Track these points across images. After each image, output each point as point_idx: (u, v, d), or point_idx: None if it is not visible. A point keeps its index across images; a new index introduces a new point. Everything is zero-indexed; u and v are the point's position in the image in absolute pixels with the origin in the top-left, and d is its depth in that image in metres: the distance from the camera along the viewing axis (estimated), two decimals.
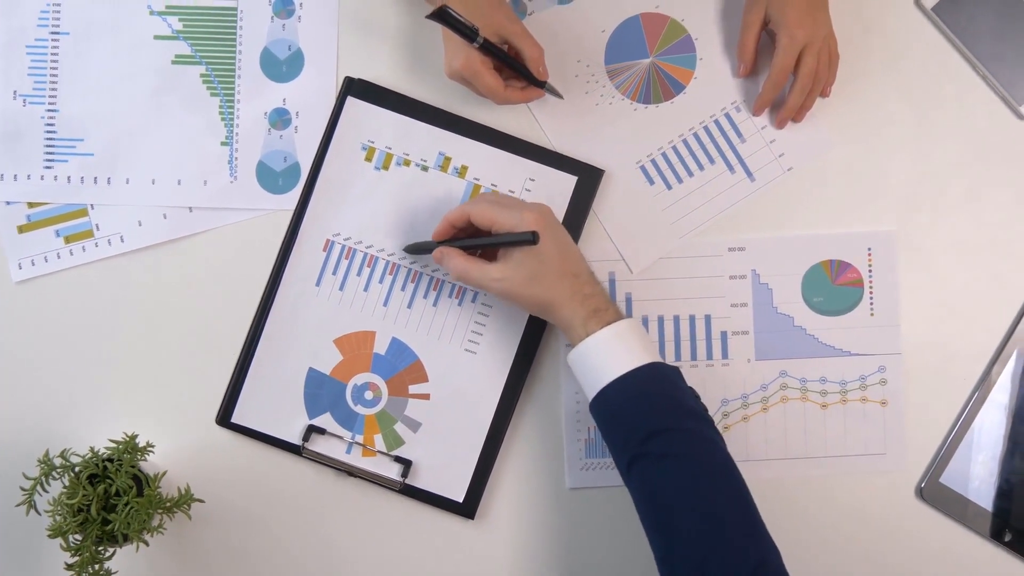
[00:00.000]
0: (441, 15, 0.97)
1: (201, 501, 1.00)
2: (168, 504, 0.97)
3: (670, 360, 1.06)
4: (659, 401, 0.92)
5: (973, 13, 1.09)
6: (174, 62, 1.06)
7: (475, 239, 0.98)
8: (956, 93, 1.09)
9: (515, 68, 1.02)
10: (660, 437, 0.90)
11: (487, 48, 0.99)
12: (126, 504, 0.94)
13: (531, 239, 0.92)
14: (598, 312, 0.94)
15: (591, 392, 0.94)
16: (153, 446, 0.98)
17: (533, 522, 1.05)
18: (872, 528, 1.06)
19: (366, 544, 1.05)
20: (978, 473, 1.06)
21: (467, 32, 0.98)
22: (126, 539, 0.95)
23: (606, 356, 0.93)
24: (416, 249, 1.03)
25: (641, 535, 0.97)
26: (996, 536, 1.06)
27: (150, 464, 1.02)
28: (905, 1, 1.10)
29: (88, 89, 1.06)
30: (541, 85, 1.03)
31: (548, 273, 0.95)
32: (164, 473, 0.98)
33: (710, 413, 1.03)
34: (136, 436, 0.97)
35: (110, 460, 0.97)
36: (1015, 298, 1.08)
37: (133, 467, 0.97)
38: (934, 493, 1.06)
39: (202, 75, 1.06)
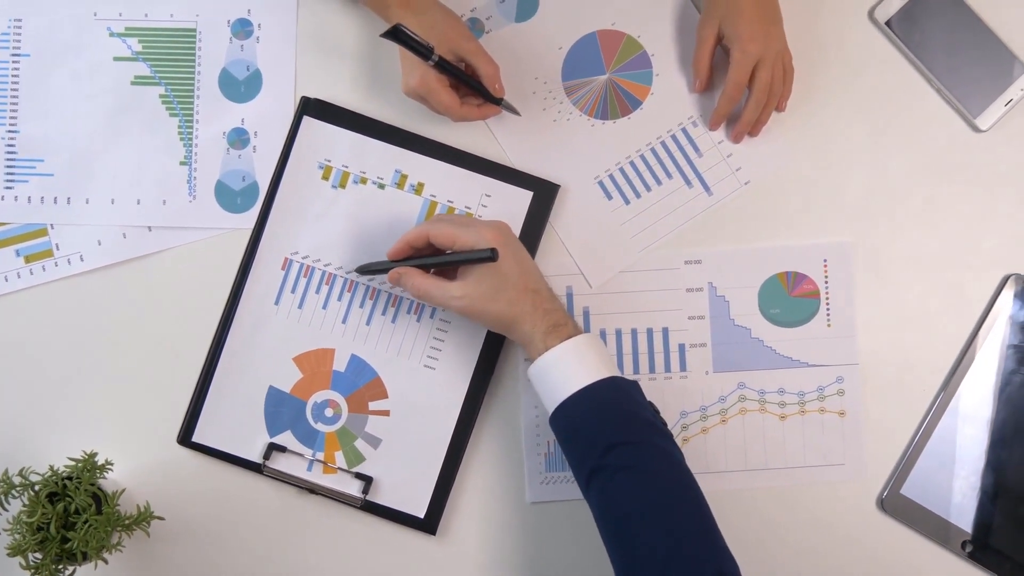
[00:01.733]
0: (395, 34, 0.97)
1: (161, 519, 1.00)
2: (127, 522, 0.97)
3: (629, 373, 1.07)
4: (617, 414, 0.93)
5: (927, 27, 1.09)
6: (133, 83, 1.07)
7: (434, 257, 0.99)
8: (911, 106, 1.10)
9: (471, 86, 1.03)
10: (618, 450, 0.90)
11: (442, 66, 1.00)
12: (85, 522, 0.94)
13: (491, 256, 0.93)
14: (557, 327, 0.95)
15: (550, 406, 0.94)
16: (112, 464, 0.98)
17: (494, 537, 1.06)
18: (833, 539, 1.07)
19: (328, 561, 1.05)
20: (939, 484, 1.06)
21: (422, 51, 0.98)
22: (85, 557, 0.95)
23: (565, 370, 0.94)
24: (369, 270, 1.04)
25: (601, 549, 0.97)
26: (957, 547, 1.06)
27: (112, 483, 1.02)
28: (859, 15, 1.11)
29: (48, 110, 1.07)
30: (497, 102, 1.04)
31: (508, 289, 0.96)
32: (123, 491, 0.98)
33: (669, 426, 1.04)
34: (95, 454, 0.98)
35: (70, 478, 0.97)
36: (973, 309, 1.09)
37: (93, 485, 0.97)
38: (895, 504, 1.06)
39: (161, 96, 1.07)
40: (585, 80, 1.09)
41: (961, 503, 1.06)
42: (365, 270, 1.04)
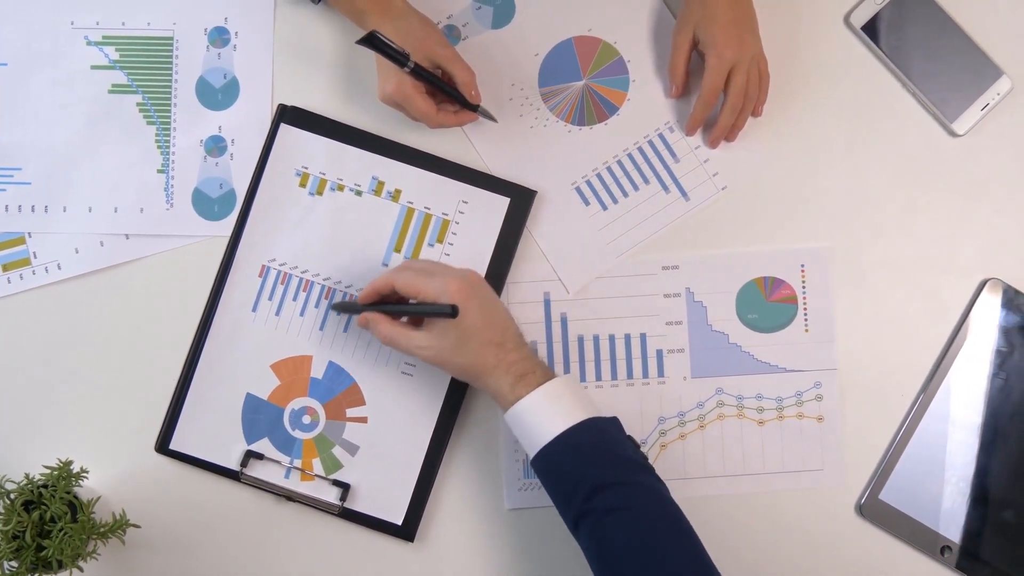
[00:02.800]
0: (371, 40, 0.98)
1: (136, 526, 1.00)
2: (102, 530, 0.97)
3: (606, 379, 1.07)
4: (599, 456, 0.92)
5: (903, 31, 1.10)
6: (111, 91, 1.07)
7: (398, 305, 1.00)
8: (888, 111, 1.10)
9: (447, 92, 1.03)
10: (604, 492, 0.90)
11: (418, 73, 1.00)
12: (60, 530, 0.94)
13: (449, 312, 0.92)
14: (524, 377, 0.94)
15: (530, 452, 0.94)
16: (87, 472, 0.98)
17: (473, 543, 1.06)
18: (812, 545, 1.06)
19: (306, 569, 1.05)
20: (918, 489, 1.06)
21: (398, 57, 0.99)
22: (61, 565, 0.95)
23: (538, 418, 0.93)
24: (343, 308, 1.04)
25: (579, 555, 0.97)
26: (936, 552, 1.05)
27: (89, 491, 1.02)
28: (835, 21, 1.11)
29: (26, 119, 1.07)
30: (474, 109, 1.04)
31: (471, 342, 0.95)
32: (98, 499, 0.98)
33: (647, 432, 1.04)
34: (70, 462, 0.98)
35: (45, 486, 0.97)
36: (951, 313, 1.09)
37: (68, 493, 0.97)
38: (874, 510, 1.06)
39: (139, 104, 1.08)
40: (562, 86, 1.09)
41: (941, 508, 1.06)
42: (341, 308, 1.04)
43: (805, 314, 1.08)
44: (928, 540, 1.06)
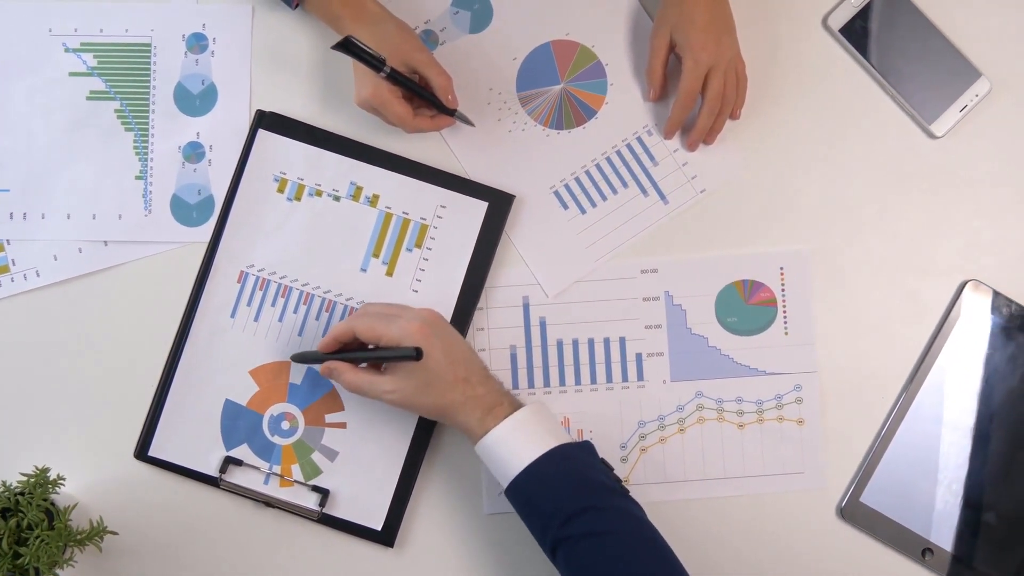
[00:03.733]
0: (346, 45, 0.98)
1: (114, 533, 1.00)
2: (79, 537, 0.97)
3: (585, 383, 1.07)
4: (569, 484, 0.92)
5: (880, 34, 1.09)
6: (89, 98, 1.08)
7: (359, 352, 0.99)
8: (866, 113, 1.10)
9: (424, 97, 1.03)
10: (579, 519, 0.90)
11: (395, 77, 1.00)
12: (37, 537, 0.94)
13: (414, 356, 0.92)
14: (492, 410, 0.95)
15: (503, 483, 0.94)
16: (64, 479, 0.98)
17: (452, 548, 1.05)
18: (793, 548, 1.06)
19: (285, 575, 1.04)
20: (899, 492, 1.06)
21: (374, 62, 0.99)
22: (38, 573, 0.95)
23: (509, 448, 0.93)
24: (303, 359, 1.03)
25: None
26: (917, 555, 1.05)
27: (68, 498, 1.02)
28: (813, 23, 1.11)
29: (3, 126, 1.07)
30: (451, 113, 1.04)
31: (437, 382, 0.95)
32: (75, 506, 0.98)
33: (627, 437, 1.04)
34: (47, 469, 0.97)
35: (22, 494, 0.97)
36: (931, 316, 1.08)
37: (45, 500, 0.97)
38: (855, 512, 1.06)
39: (116, 110, 1.08)
40: (540, 90, 1.09)
41: (923, 511, 1.06)
42: (300, 359, 1.03)
43: (785, 317, 1.08)
44: (910, 543, 1.05)
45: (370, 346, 0.98)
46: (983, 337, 1.07)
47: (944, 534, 1.05)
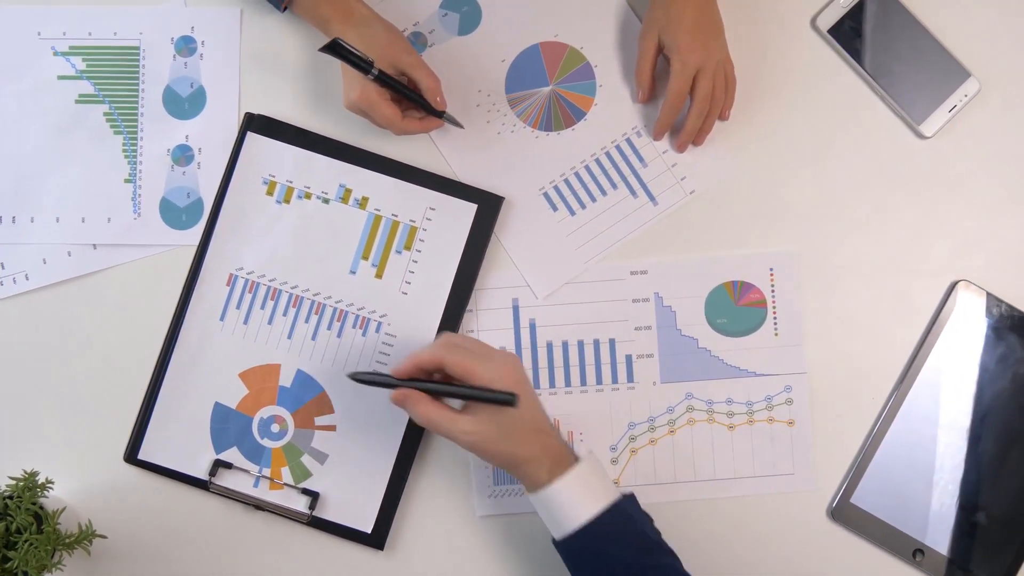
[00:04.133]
0: (334, 48, 0.98)
1: (103, 537, 1.00)
2: (68, 540, 0.97)
3: (575, 385, 1.07)
4: (631, 541, 0.92)
5: (869, 34, 1.10)
6: (78, 101, 1.08)
7: (447, 386, 0.93)
8: (856, 114, 1.10)
9: (412, 99, 1.03)
10: None
11: (383, 80, 1.00)
12: (26, 541, 0.94)
13: (511, 401, 0.90)
14: (559, 462, 0.93)
15: (556, 534, 0.93)
16: (53, 482, 0.98)
17: (443, 551, 1.05)
18: (784, 549, 1.06)
19: None
20: (889, 493, 1.06)
21: (362, 64, 0.99)
22: None
23: (572, 500, 0.92)
24: (366, 380, 0.95)
25: (552, 563, 0.97)
26: (909, 556, 1.05)
27: (57, 502, 1.02)
28: (802, 24, 1.11)
29: None
30: (440, 115, 1.04)
31: (519, 431, 0.92)
32: (63, 509, 0.98)
33: (617, 439, 1.04)
34: (36, 473, 0.97)
35: (11, 497, 0.97)
36: (921, 316, 1.08)
37: (34, 504, 0.96)
38: (845, 513, 1.06)
39: (105, 114, 1.08)
40: (529, 92, 1.09)
41: (913, 511, 1.05)
42: (360, 378, 0.95)
43: (775, 318, 1.07)
44: (901, 544, 1.05)
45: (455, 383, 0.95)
46: (973, 337, 1.07)
47: (935, 535, 1.05)
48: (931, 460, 1.06)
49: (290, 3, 1.04)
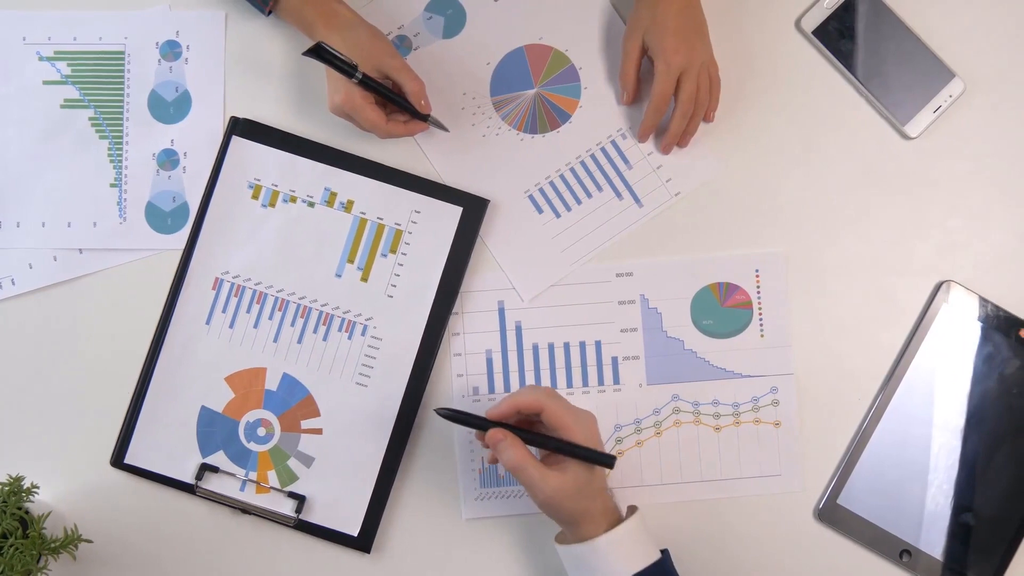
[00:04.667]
0: (317, 51, 0.98)
1: (89, 541, 1.00)
2: (53, 545, 0.97)
3: (562, 388, 1.07)
4: None
5: (853, 35, 1.10)
6: (63, 106, 1.08)
7: (551, 439, 0.94)
8: (841, 115, 1.10)
9: (397, 102, 1.03)
10: None
11: (367, 83, 1.00)
12: (11, 546, 0.94)
13: (611, 463, 0.93)
14: (613, 520, 0.95)
15: None
16: (38, 487, 0.98)
17: (430, 554, 1.05)
18: (771, 551, 1.06)
19: None
20: (876, 493, 1.06)
21: (346, 68, 0.99)
22: None
23: (618, 554, 0.93)
24: (455, 417, 0.95)
25: (538, 566, 0.97)
26: (895, 556, 1.05)
27: (42, 506, 1.02)
28: (786, 25, 1.11)
29: None
30: (424, 118, 1.04)
31: (590, 489, 0.94)
32: (48, 514, 0.98)
33: (606, 439, 1.05)
34: (21, 478, 0.97)
35: None
36: (907, 316, 1.08)
37: (20, 508, 0.97)
38: (832, 514, 1.06)
39: (91, 118, 1.08)
40: (514, 95, 1.09)
41: (900, 512, 1.05)
42: (452, 417, 0.95)
43: (760, 319, 1.07)
44: (887, 544, 1.05)
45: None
46: (959, 337, 1.07)
47: (922, 536, 1.05)
48: (918, 461, 1.06)
49: (274, 6, 1.04)
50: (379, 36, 1.02)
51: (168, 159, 1.08)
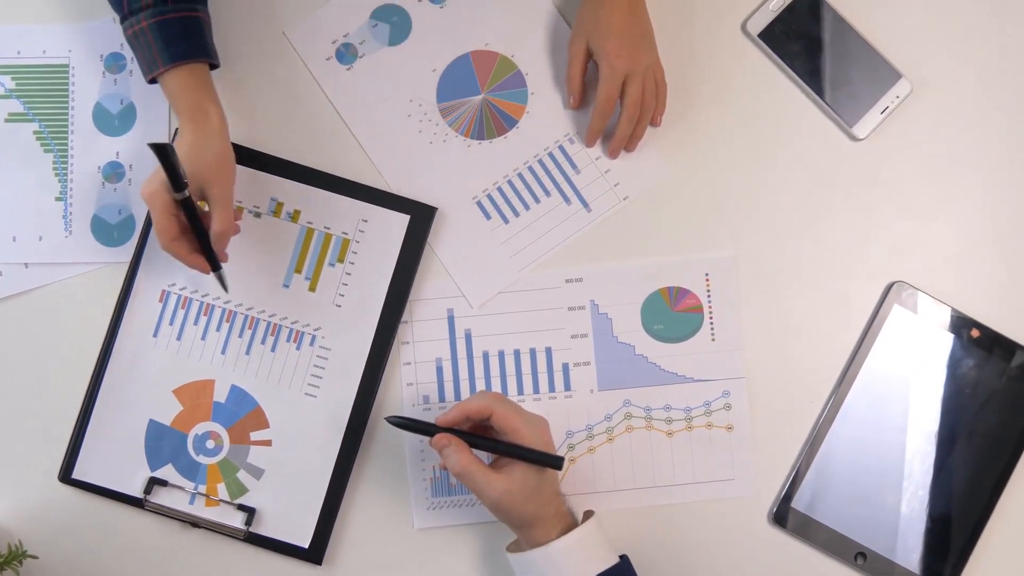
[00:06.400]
0: (162, 152, 0.91)
1: (34, 557, 0.99)
2: None
3: (513, 395, 1.06)
4: None
5: (800, 38, 1.09)
6: (7, 120, 1.07)
7: (496, 442, 0.95)
8: (789, 117, 1.10)
9: (199, 236, 0.97)
10: None
11: (185, 205, 0.95)
12: None
13: (558, 465, 0.93)
14: (567, 524, 0.96)
15: None
16: None
17: (382, 565, 1.05)
18: (726, 555, 1.05)
19: None
20: (830, 496, 1.05)
21: (175, 180, 0.93)
22: None
23: (572, 560, 0.94)
24: (405, 425, 0.96)
25: (492, 573, 0.96)
26: (850, 559, 1.04)
27: None
28: (732, 28, 1.11)
29: None
30: (215, 267, 0.99)
31: (543, 492, 0.94)
32: None
33: (558, 445, 1.04)
34: None
35: None
36: (858, 318, 1.08)
37: None
38: (786, 518, 1.05)
39: (35, 132, 1.07)
40: (460, 101, 1.09)
41: (854, 514, 1.05)
42: (401, 424, 0.96)
43: (711, 323, 1.07)
44: (843, 547, 1.05)
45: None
46: (911, 338, 1.07)
47: (877, 537, 1.05)
48: (871, 463, 1.05)
49: (158, 77, 0.98)
50: (228, 161, 0.98)
51: (114, 172, 1.07)
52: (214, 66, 1.02)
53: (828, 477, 1.05)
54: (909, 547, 1.05)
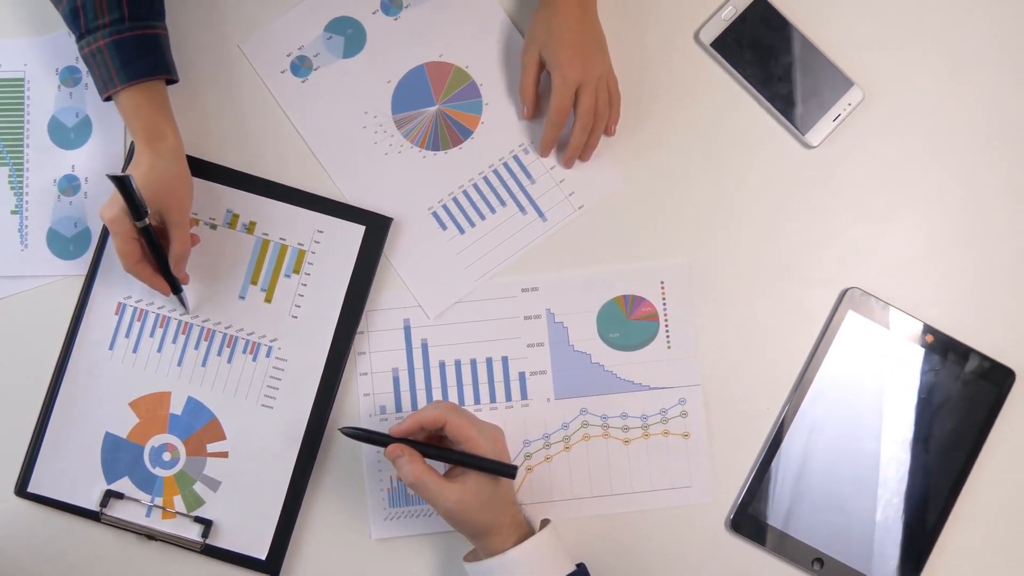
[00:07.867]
0: (122, 183, 0.93)
1: None
2: None
3: (470, 404, 1.07)
4: None
5: (752, 47, 1.10)
6: None
7: (449, 451, 0.95)
8: (742, 126, 1.10)
9: (160, 259, 0.99)
10: None
11: (145, 231, 0.97)
12: None
13: (512, 473, 0.93)
14: (523, 533, 0.95)
15: None
16: None
17: (339, 575, 1.04)
18: (684, 562, 1.06)
19: None
20: (787, 502, 1.05)
21: (136, 208, 0.95)
22: None
23: (527, 571, 0.93)
24: (359, 435, 0.96)
25: None
26: (808, 564, 1.05)
27: None
28: (685, 38, 1.11)
29: None
30: (176, 288, 1.01)
31: (498, 501, 0.94)
32: None
33: (515, 454, 1.04)
34: None
35: None
36: (813, 324, 1.08)
37: None
38: (744, 524, 1.05)
39: None
40: (415, 112, 1.09)
41: (811, 520, 1.05)
42: (354, 434, 0.96)
43: (667, 331, 1.07)
44: (800, 553, 1.05)
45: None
46: (866, 344, 1.07)
47: (834, 543, 1.05)
48: (828, 469, 1.06)
49: (113, 95, 0.99)
50: (185, 183, 0.99)
51: (69, 185, 1.07)
52: (173, 81, 1.02)
53: (785, 483, 1.06)
54: (866, 553, 1.05)
